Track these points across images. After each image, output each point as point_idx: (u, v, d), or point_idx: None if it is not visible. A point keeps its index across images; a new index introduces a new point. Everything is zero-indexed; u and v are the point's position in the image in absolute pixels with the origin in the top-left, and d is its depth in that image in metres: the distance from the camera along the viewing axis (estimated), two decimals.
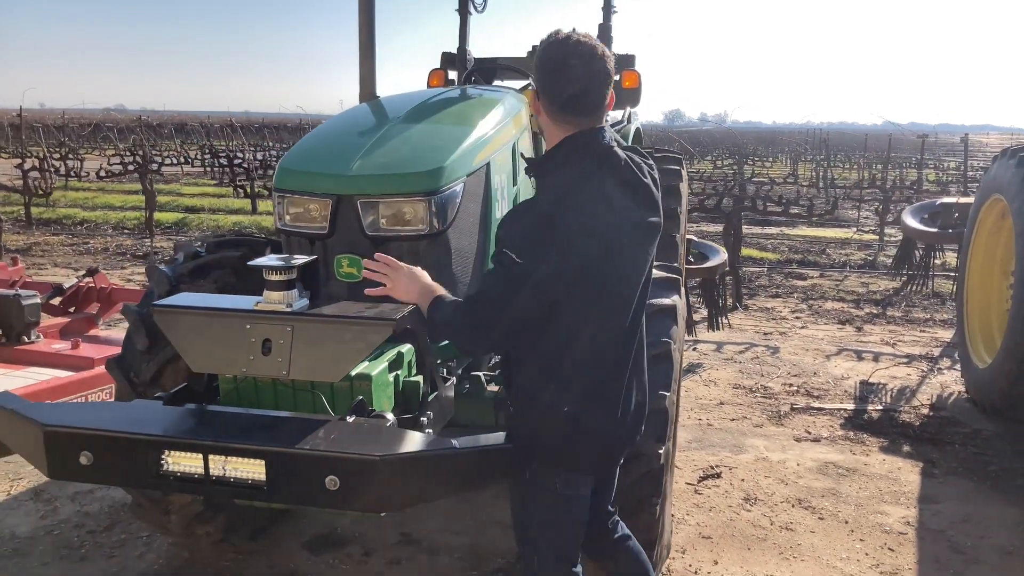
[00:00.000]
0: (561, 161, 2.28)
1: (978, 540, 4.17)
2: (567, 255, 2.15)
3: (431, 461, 2.24)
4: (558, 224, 2.16)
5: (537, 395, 2.36)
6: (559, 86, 2.25)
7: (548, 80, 2.29)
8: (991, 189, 6.12)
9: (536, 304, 2.21)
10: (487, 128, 3.67)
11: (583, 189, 2.22)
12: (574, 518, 2.48)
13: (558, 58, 2.24)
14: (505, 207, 3.79)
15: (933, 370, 7.17)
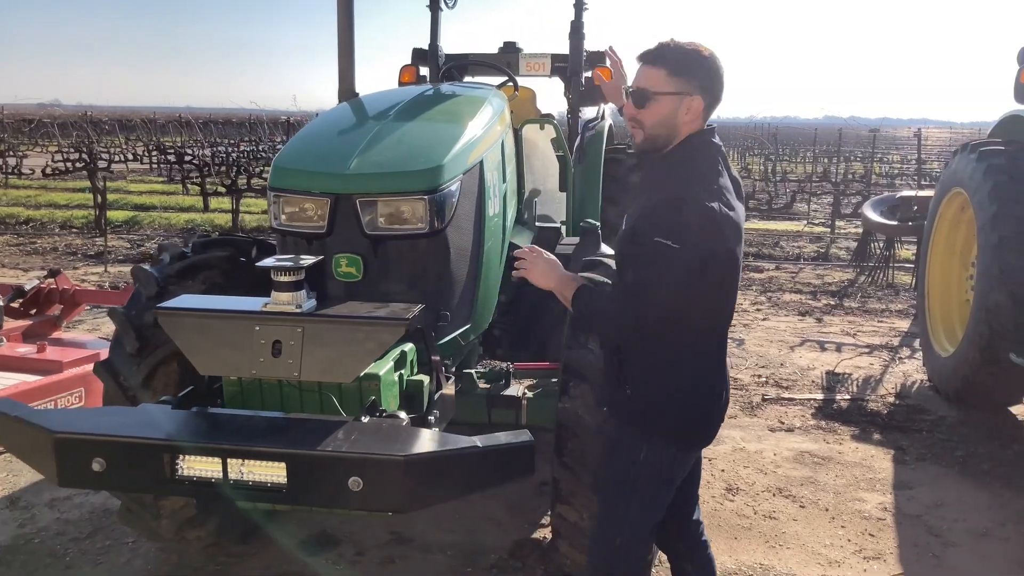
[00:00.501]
0: (693, 155, 2.45)
1: (952, 523, 4.31)
2: (719, 241, 2.31)
3: (455, 460, 2.26)
4: (708, 212, 2.29)
5: (666, 376, 2.47)
6: (718, 90, 2.46)
7: (716, 84, 2.45)
8: (952, 183, 6.30)
9: (693, 290, 2.30)
10: (479, 127, 3.68)
11: (718, 179, 2.41)
12: (667, 499, 2.62)
13: (716, 65, 2.43)
14: (497, 205, 3.80)
15: (895, 359, 7.37)
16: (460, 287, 3.42)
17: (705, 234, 2.27)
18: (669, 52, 2.41)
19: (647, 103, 2.43)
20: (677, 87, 2.40)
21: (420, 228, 3.17)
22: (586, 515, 3.21)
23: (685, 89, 2.40)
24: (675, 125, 2.44)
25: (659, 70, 2.40)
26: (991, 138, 6.23)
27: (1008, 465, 5.06)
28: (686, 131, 2.45)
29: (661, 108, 2.41)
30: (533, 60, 6.25)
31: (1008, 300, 5.35)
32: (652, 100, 2.41)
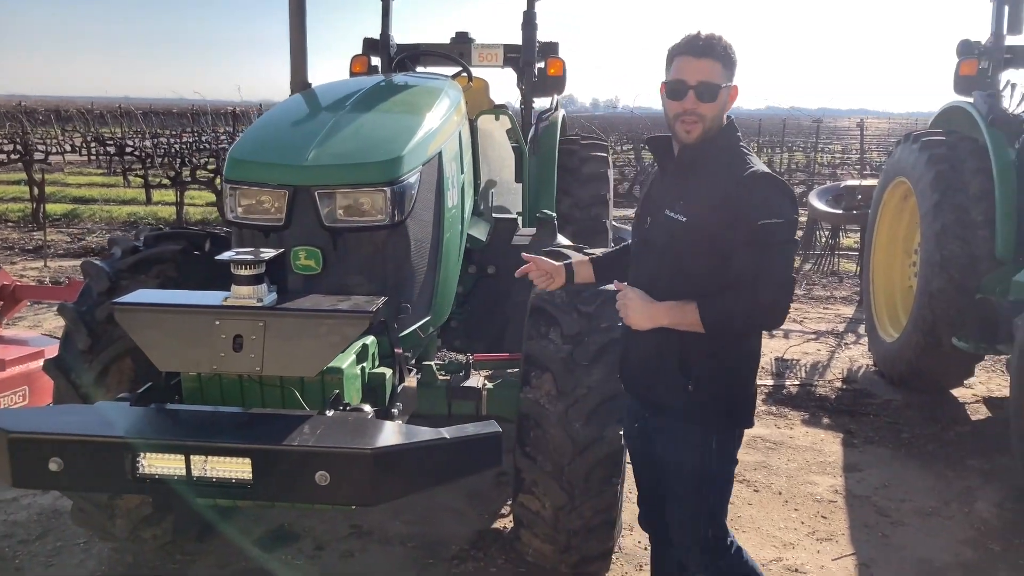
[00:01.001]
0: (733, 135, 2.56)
1: (900, 504, 4.44)
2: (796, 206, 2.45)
3: (423, 452, 2.25)
4: (783, 181, 2.45)
5: (728, 362, 2.52)
6: None
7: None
8: (895, 172, 6.46)
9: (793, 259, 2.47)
10: (437, 117, 3.66)
11: (759, 162, 2.52)
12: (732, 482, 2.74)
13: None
14: (455, 196, 3.79)
15: (841, 345, 7.54)
16: (420, 279, 3.40)
17: (792, 202, 2.42)
18: (718, 45, 2.46)
19: (716, 96, 2.46)
20: (727, 78, 2.48)
21: (380, 220, 3.14)
22: (548, 504, 3.24)
23: (731, 79, 2.50)
24: (724, 113, 2.53)
25: (715, 63, 2.46)
26: (932, 128, 6.39)
27: (951, 446, 5.23)
28: (722, 118, 2.54)
29: (722, 99, 2.48)
30: (486, 51, 6.23)
31: (949, 286, 5.51)
32: (717, 93, 2.46)
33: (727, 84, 2.48)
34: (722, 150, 2.52)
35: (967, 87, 6.11)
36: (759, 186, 2.40)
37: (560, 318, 3.31)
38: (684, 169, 2.58)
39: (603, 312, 3.35)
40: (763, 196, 2.37)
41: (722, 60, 2.46)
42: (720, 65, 2.46)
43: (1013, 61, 6.20)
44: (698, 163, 2.54)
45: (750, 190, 2.39)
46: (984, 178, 5.55)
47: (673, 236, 2.49)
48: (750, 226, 2.33)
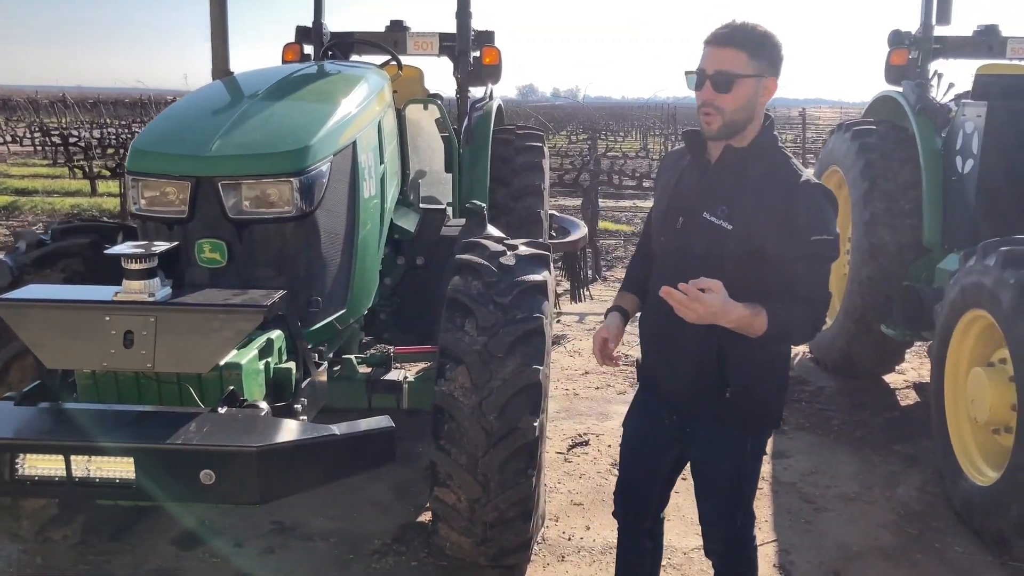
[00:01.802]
0: (774, 138, 2.50)
1: (824, 490, 4.49)
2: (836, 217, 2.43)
3: (311, 449, 2.21)
4: (830, 196, 2.40)
5: (766, 369, 2.54)
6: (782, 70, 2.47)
7: (782, 64, 2.45)
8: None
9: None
10: (352, 106, 3.60)
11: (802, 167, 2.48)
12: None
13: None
14: (372, 187, 3.74)
15: None
16: (333, 271, 3.35)
17: (836, 213, 2.40)
18: (746, 33, 2.37)
19: (732, 87, 2.36)
20: (757, 69, 2.37)
21: (287, 211, 3.08)
22: (463, 497, 3.22)
23: (763, 71, 2.38)
24: (754, 108, 2.41)
25: (739, 52, 2.35)
26: (865, 118, 6.46)
27: (879, 431, 5.30)
28: (759, 113, 2.44)
29: (744, 91, 2.36)
30: (421, 39, 6.17)
31: (878, 273, 5.59)
32: (735, 83, 2.35)
33: (754, 75, 2.36)
34: (767, 152, 2.46)
35: (897, 77, 6.18)
36: (813, 198, 2.36)
37: (476, 310, 3.28)
38: (728, 170, 2.47)
39: (520, 303, 3.34)
40: (816, 209, 2.34)
41: (748, 49, 2.35)
42: (745, 55, 2.35)
43: (942, 51, 6.28)
44: (743, 165, 2.45)
45: (804, 202, 2.34)
46: (912, 167, 5.63)
47: (716, 242, 2.42)
48: (804, 240, 2.31)
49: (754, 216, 2.37)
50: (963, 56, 6.41)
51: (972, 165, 5.08)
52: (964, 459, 4.15)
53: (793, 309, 2.36)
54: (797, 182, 2.39)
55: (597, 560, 3.80)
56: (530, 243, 3.73)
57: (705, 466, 2.72)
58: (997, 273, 3.77)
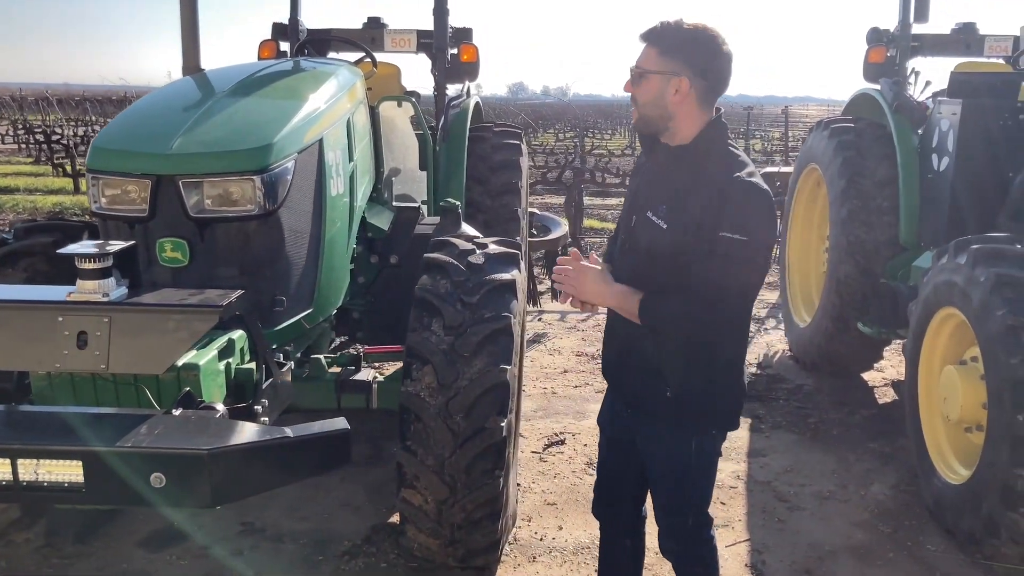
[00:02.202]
0: (722, 142, 2.43)
1: (799, 488, 4.48)
2: (772, 226, 2.37)
3: (263, 451, 2.18)
4: (766, 196, 2.33)
5: (720, 367, 2.51)
6: (722, 72, 2.40)
7: (712, 67, 2.38)
8: (807, 159, 6.52)
9: (760, 279, 2.39)
10: (319, 102, 3.57)
11: (748, 166, 2.40)
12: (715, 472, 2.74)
13: (718, 47, 2.38)
14: (340, 185, 3.70)
15: (760, 330, 7.61)
16: (298, 270, 3.31)
17: (765, 221, 2.32)
18: (665, 31, 2.37)
19: (640, 81, 2.41)
20: (665, 67, 2.36)
21: (250, 210, 3.05)
22: (430, 498, 3.19)
23: (673, 70, 2.35)
24: (665, 106, 2.39)
25: (653, 49, 2.38)
26: (844, 115, 6.46)
27: (856, 429, 5.30)
28: (682, 114, 2.40)
29: (651, 87, 2.38)
30: (398, 36, 6.14)
31: (855, 271, 5.58)
32: (643, 79, 2.39)
33: (659, 72, 2.36)
34: (708, 151, 2.42)
35: (875, 74, 6.17)
36: (736, 194, 2.30)
37: (443, 309, 3.25)
38: (666, 170, 2.49)
39: (487, 302, 3.31)
40: (739, 207, 2.28)
41: (660, 47, 2.36)
42: (656, 52, 2.37)
43: (920, 49, 6.29)
44: (683, 164, 2.44)
45: (727, 197, 2.30)
46: (889, 164, 5.62)
47: (653, 241, 2.43)
48: (712, 233, 2.27)
49: (686, 214, 2.36)
50: (941, 54, 6.42)
51: (948, 163, 5.07)
52: (937, 457, 4.14)
53: (670, 299, 2.37)
54: (726, 177, 2.34)
55: (568, 561, 3.78)
56: (500, 242, 3.70)
57: (652, 464, 2.70)
58: (968, 271, 3.76)
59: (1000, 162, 4.90)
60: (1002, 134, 4.92)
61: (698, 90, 2.37)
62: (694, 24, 2.38)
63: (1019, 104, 4.95)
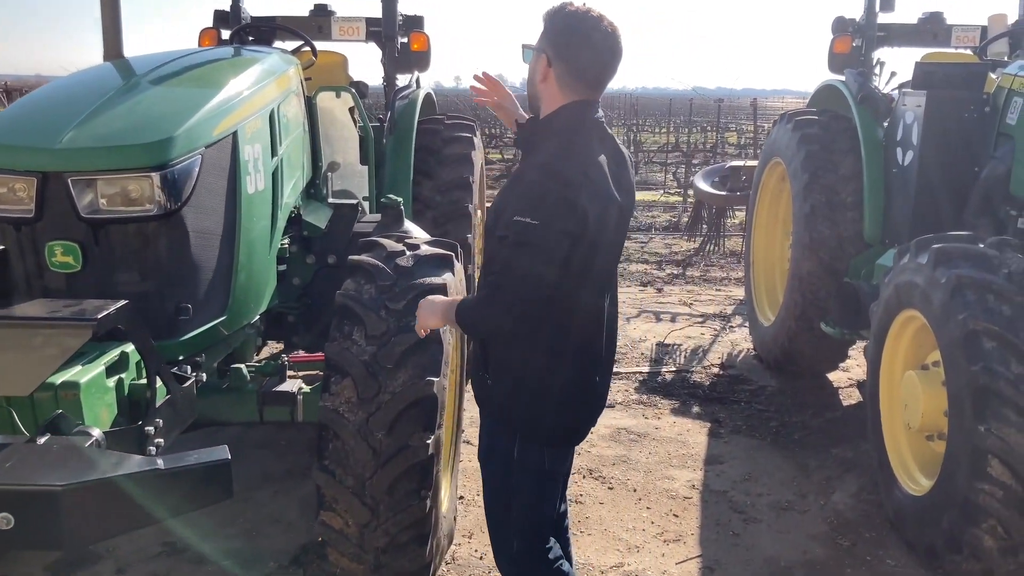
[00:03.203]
0: (561, 127, 2.29)
1: (756, 498, 4.28)
2: (580, 216, 2.15)
3: (128, 486, 1.93)
4: (570, 185, 2.15)
5: (533, 369, 2.34)
6: (583, 57, 2.27)
7: (571, 50, 2.27)
8: (771, 152, 6.32)
9: (557, 274, 2.18)
10: (235, 91, 3.31)
11: (586, 154, 2.25)
12: (555, 494, 2.52)
13: (583, 30, 2.25)
14: (261, 181, 3.44)
15: (726, 328, 7.43)
16: (207, 274, 3.06)
17: (564, 208, 2.14)
18: (551, 11, 2.30)
19: (527, 56, 2.37)
20: (538, 44, 2.32)
21: (148, 210, 2.79)
22: (351, 521, 2.96)
23: (540, 47, 2.30)
24: (535, 84, 2.33)
25: (542, 25, 2.32)
26: (809, 108, 6.26)
27: (818, 434, 5.11)
28: (545, 94, 2.32)
29: (531, 63, 2.34)
30: (346, 24, 5.89)
31: (819, 269, 5.40)
32: (525, 53, 2.37)
33: (537, 50, 2.31)
34: (544, 139, 2.30)
35: (841, 65, 5.98)
36: (529, 178, 2.21)
37: (365, 317, 3.02)
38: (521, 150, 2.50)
39: (415, 308, 3.07)
40: (529, 189, 2.17)
41: (544, 24, 2.31)
42: (541, 28, 2.32)
43: (887, 39, 6.10)
44: (522, 148, 2.42)
45: (520, 181, 2.22)
46: (854, 158, 5.43)
47: (487, 219, 2.40)
48: (506, 217, 2.15)
49: (502, 196, 2.32)
50: (908, 44, 6.24)
51: (912, 157, 4.88)
52: (898, 466, 3.95)
53: (477, 298, 2.32)
54: (532, 163, 2.27)
55: None
56: (434, 242, 3.47)
57: (481, 461, 2.56)
58: (929, 272, 3.57)
59: (966, 156, 4.72)
60: (968, 126, 4.73)
61: (556, 73, 2.28)
62: (576, 8, 2.28)
63: (985, 96, 4.76)
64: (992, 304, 3.29)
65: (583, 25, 2.25)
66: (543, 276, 2.16)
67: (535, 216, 2.11)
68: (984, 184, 4.53)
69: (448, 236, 5.23)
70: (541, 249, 2.13)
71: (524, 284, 2.16)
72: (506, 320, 2.21)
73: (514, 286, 2.16)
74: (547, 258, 2.14)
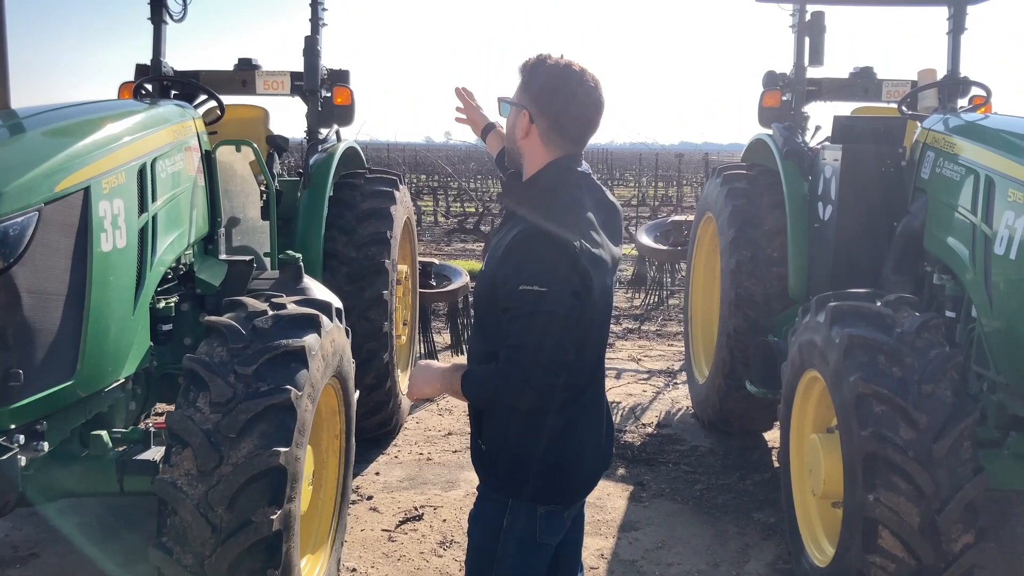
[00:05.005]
0: (549, 186, 2.23)
1: (666, 568, 4.07)
2: (583, 276, 2.11)
3: None
4: (569, 247, 2.09)
5: (523, 430, 2.22)
6: (568, 113, 2.22)
7: (556, 106, 2.21)
8: (704, 207, 6.23)
9: (573, 335, 2.11)
10: (94, 144, 3.18)
11: (578, 213, 2.20)
12: (544, 564, 2.35)
13: (567, 85, 2.20)
14: (122, 239, 3.28)
15: (669, 385, 7.26)
16: (47, 337, 2.87)
17: (569, 271, 2.09)
18: (531, 64, 2.25)
19: (503, 110, 2.35)
20: (518, 99, 2.26)
21: None
22: None
23: (520, 102, 2.25)
24: (514, 140, 2.29)
25: (519, 79, 2.28)
26: (743, 162, 6.19)
27: (744, 497, 4.91)
28: (529, 151, 2.27)
29: (509, 118, 2.31)
30: (271, 78, 5.82)
31: (745, 326, 5.26)
32: (505, 108, 2.32)
33: (513, 103, 2.27)
34: (531, 196, 2.24)
35: (770, 119, 5.91)
36: (525, 246, 2.11)
37: (211, 381, 2.85)
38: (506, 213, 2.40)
39: (267, 373, 2.91)
40: (528, 256, 2.09)
41: (522, 78, 2.26)
42: (519, 83, 2.27)
43: (818, 94, 6.05)
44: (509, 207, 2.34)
45: (518, 248, 2.12)
46: (780, 213, 5.33)
47: (477, 295, 2.31)
48: (511, 287, 2.08)
49: (495, 258, 2.21)
50: (839, 99, 6.18)
51: (832, 211, 4.78)
52: (807, 534, 3.77)
53: (485, 372, 2.18)
54: (523, 227, 2.16)
55: None
56: (303, 302, 3.31)
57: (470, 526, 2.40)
58: (826, 331, 3.43)
59: (884, 210, 4.63)
60: (886, 181, 4.65)
61: (540, 128, 2.22)
62: (557, 61, 2.23)
63: (901, 150, 4.69)
64: (883, 365, 3.15)
65: (567, 80, 2.19)
66: (562, 343, 2.09)
67: (543, 283, 2.05)
68: (900, 239, 4.42)
69: (363, 292, 5.13)
70: (555, 316, 2.07)
71: (544, 354, 2.07)
72: (528, 394, 2.10)
73: (533, 358, 2.06)
74: (563, 324, 2.08)
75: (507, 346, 2.10)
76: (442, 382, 2.28)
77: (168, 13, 5.55)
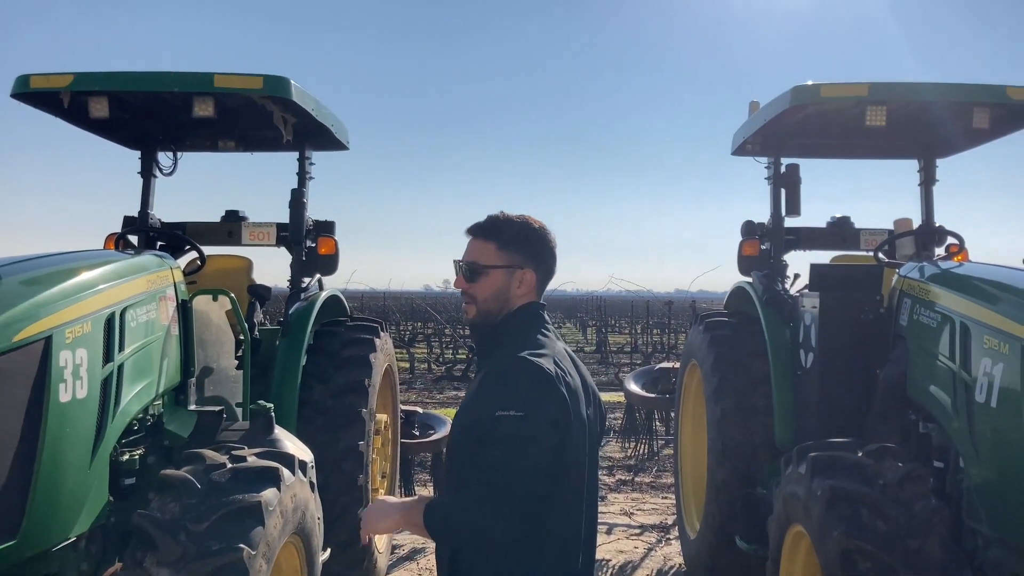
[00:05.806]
0: (522, 324, 2.32)
1: None
2: (560, 403, 2.13)
3: None
4: (546, 374, 2.14)
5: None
6: (550, 262, 2.39)
7: (544, 255, 2.38)
8: (689, 354, 6.19)
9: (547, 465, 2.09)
10: (59, 294, 3.17)
11: (551, 346, 2.27)
12: None
13: (543, 236, 2.38)
14: (83, 389, 3.21)
15: (662, 541, 6.98)
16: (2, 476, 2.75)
17: (545, 397, 2.12)
18: (500, 225, 2.35)
19: (478, 277, 2.33)
20: (508, 260, 2.33)
21: None
22: None
23: (516, 262, 2.33)
24: (508, 298, 2.35)
25: (489, 243, 2.34)
26: (724, 309, 6.20)
27: None
28: (518, 304, 2.36)
29: (493, 282, 2.33)
30: (257, 229, 5.94)
31: (733, 478, 5.11)
32: (483, 274, 2.32)
33: (503, 266, 2.32)
34: (506, 338, 2.31)
35: (749, 267, 5.98)
36: (506, 372, 2.17)
37: (160, 541, 2.71)
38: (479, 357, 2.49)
39: (219, 530, 2.77)
40: (505, 384, 2.14)
41: (498, 240, 2.33)
42: (495, 246, 2.33)
43: (796, 243, 6.14)
44: (484, 351, 2.40)
45: (495, 376, 2.19)
46: (764, 361, 5.28)
47: (455, 420, 2.35)
48: (487, 414, 2.09)
49: (468, 396, 2.27)
50: (817, 247, 6.27)
51: (813, 359, 4.74)
52: None
53: (457, 500, 2.11)
54: (503, 357, 2.21)
55: None
56: (264, 454, 3.21)
57: None
58: (808, 482, 3.31)
59: (865, 357, 4.58)
60: (865, 328, 4.63)
61: (539, 279, 2.37)
62: (520, 216, 2.37)
63: (879, 297, 4.69)
64: (866, 519, 3.02)
65: (540, 232, 2.36)
66: (538, 467, 2.06)
67: (519, 408, 2.06)
68: (883, 386, 4.35)
69: (337, 443, 5.01)
70: (531, 439, 2.06)
71: (519, 479, 2.03)
72: (501, 523, 2.04)
73: (507, 483, 2.02)
74: (539, 448, 2.07)
75: (482, 470, 2.04)
76: (401, 514, 2.21)
77: (158, 167, 5.73)
